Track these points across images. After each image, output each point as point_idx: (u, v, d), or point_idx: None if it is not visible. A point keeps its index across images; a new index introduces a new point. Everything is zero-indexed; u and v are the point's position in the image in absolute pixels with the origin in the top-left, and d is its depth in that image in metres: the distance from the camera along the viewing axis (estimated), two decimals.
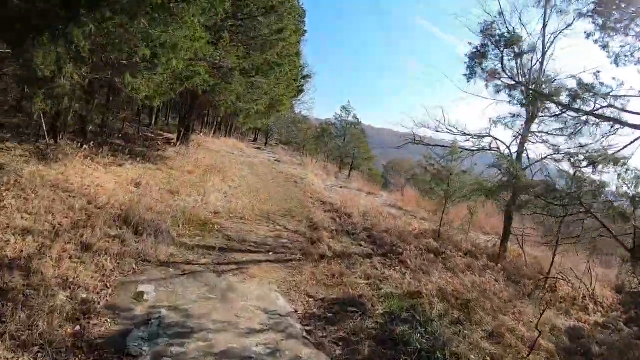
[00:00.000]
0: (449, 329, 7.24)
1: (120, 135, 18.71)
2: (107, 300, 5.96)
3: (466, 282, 10.09)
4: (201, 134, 30.55)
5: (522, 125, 14.73)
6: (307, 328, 6.79)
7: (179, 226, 9.87)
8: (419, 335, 6.78)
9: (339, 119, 43.31)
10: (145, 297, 6.37)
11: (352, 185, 28.45)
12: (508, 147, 15.05)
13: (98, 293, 6.03)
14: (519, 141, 14.79)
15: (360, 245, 12.16)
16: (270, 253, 10.03)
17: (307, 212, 15.23)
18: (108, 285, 6.36)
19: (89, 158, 12.09)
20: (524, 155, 14.72)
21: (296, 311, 7.30)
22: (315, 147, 44.94)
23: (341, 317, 7.29)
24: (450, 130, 15.74)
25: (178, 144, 21.26)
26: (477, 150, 15.69)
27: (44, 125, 11.66)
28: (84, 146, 12.51)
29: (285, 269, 9.20)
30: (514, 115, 14.83)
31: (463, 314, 8.10)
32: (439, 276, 10.08)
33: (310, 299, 7.88)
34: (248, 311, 6.80)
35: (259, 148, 40.49)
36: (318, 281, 8.80)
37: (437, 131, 15.91)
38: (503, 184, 13.43)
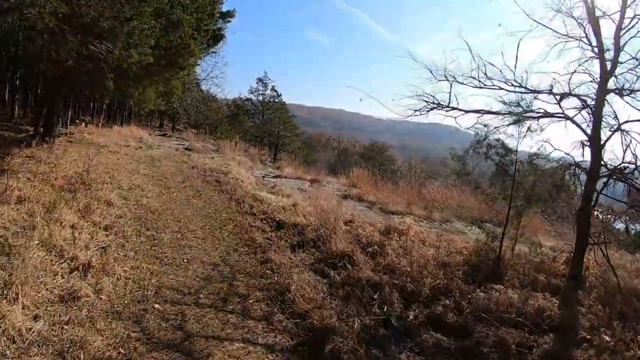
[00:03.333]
0: None
1: None
2: None
3: None
4: (84, 124, 21.65)
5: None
6: None
7: None
8: None
9: (256, 93, 34.04)
10: None
11: (287, 172, 19.69)
12: (590, 110, 7.46)
13: None
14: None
15: None
16: None
17: (266, 265, 6.57)
18: None
19: None
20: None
21: None
22: (230, 127, 35.29)
23: None
24: (508, 84, 7.72)
25: (35, 142, 12.22)
26: (554, 115, 7.90)
27: None
28: None
29: None
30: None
31: None
32: None
33: None
34: None
35: (164, 135, 30.67)
36: None
37: (479, 87, 7.77)
38: None
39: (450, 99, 7.59)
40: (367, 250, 7.55)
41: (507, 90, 7.65)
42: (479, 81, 7.39)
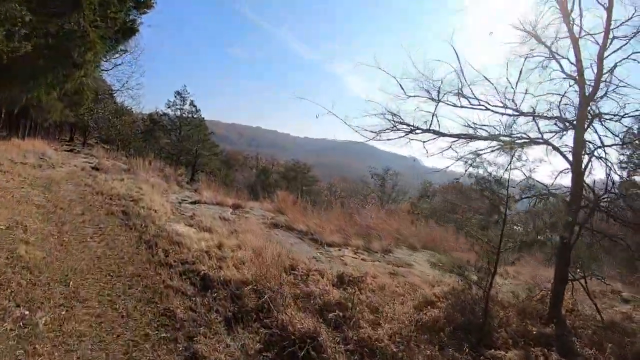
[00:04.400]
0: None
1: None
2: None
3: None
4: None
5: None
6: None
7: None
8: None
9: (173, 108, 30.93)
10: None
11: (207, 196, 17.08)
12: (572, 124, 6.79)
13: None
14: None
15: None
16: None
17: None
18: None
19: None
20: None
21: None
22: (145, 144, 31.69)
23: None
24: (491, 104, 6.43)
25: None
26: (534, 140, 6.93)
27: None
28: None
29: None
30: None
31: None
32: None
33: None
34: None
35: (72, 150, 26.76)
36: None
37: (460, 105, 6.35)
38: None
39: (432, 120, 5.88)
40: (328, 319, 5.54)
41: (494, 111, 6.20)
42: (467, 99, 5.78)
